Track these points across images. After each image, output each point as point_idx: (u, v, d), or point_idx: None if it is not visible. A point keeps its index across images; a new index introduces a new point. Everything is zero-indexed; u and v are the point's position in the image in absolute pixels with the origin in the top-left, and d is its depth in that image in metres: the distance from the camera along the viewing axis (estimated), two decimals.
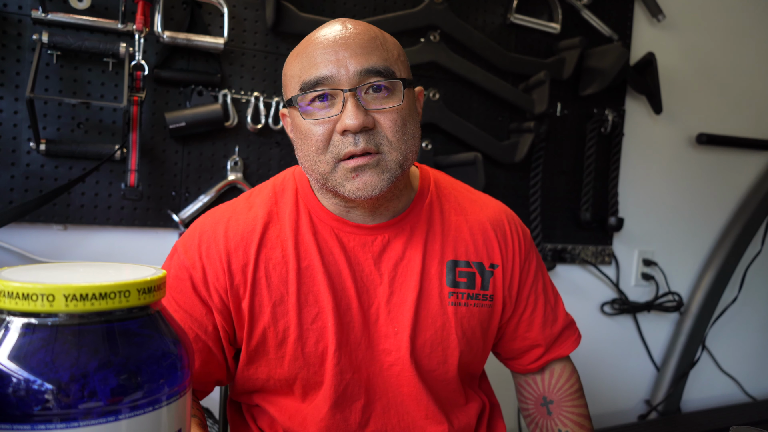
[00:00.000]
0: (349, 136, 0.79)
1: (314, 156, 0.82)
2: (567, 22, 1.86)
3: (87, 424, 0.42)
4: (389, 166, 0.81)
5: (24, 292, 0.42)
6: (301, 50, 0.84)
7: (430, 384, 0.92)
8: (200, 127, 1.41)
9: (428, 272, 0.91)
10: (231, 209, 0.92)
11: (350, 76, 0.79)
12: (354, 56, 0.79)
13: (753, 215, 2.19)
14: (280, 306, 0.86)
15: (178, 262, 0.88)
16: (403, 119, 0.82)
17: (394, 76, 0.81)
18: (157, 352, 0.47)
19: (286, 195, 0.92)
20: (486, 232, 0.96)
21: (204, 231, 0.89)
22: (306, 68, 0.81)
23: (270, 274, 0.86)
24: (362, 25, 0.84)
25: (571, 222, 1.95)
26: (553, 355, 1.02)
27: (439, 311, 0.91)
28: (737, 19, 2.20)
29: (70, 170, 1.35)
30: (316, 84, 0.79)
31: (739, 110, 2.24)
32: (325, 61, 0.79)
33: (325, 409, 0.88)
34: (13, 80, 1.31)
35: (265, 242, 0.87)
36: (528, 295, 1.00)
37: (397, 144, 0.81)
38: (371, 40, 0.82)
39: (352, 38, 0.81)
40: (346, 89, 0.78)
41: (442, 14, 1.65)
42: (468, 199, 0.99)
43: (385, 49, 0.82)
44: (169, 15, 1.41)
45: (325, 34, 0.82)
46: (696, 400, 2.25)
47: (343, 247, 0.89)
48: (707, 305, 2.15)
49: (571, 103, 1.91)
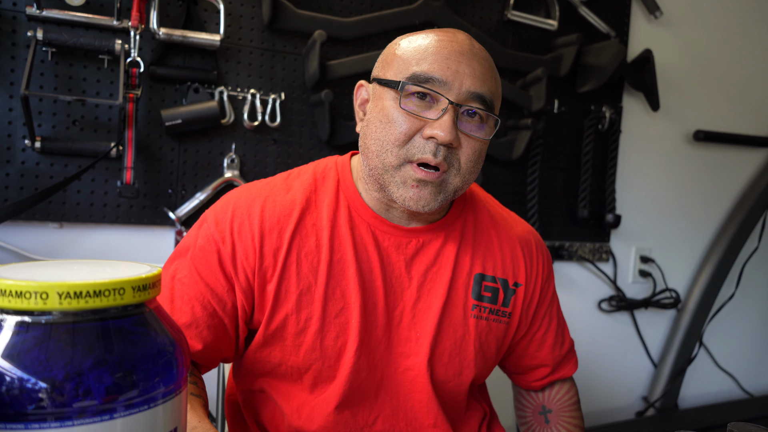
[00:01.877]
0: (432, 143, 0.79)
1: (389, 145, 0.81)
2: (564, 18, 1.86)
3: (82, 423, 0.42)
4: (447, 189, 0.83)
5: (17, 289, 0.42)
6: (423, 41, 0.83)
7: (441, 393, 0.92)
8: (196, 124, 1.41)
9: (456, 282, 0.91)
10: (269, 188, 0.90)
11: (461, 91, 0.79)
12: (473, 75, 0.80)
13: (750, 212, 2.19)
14: (307, 295, 0.85)
15: (207, 233, 0.86)
16: (481, 152, 0.84)
17: (493, 110, 0.83)
18: (153, 351, 0.46)
19: (327, 183, 0.91)
20: (514, 250, 0.97)
21: (239, 206, 0.87)
22: (422, 61, 0.80)
23: (301, 262, 0.85)
24: (484, 48, 0.86)
25: (569, 219, 1.95)
26: (557, 375, 1.04)
27: (461, 322, 0.91)
28: (734, 15, 2.20)
29: (65, 168, 1.35)
30: (428, 81, 0.79)
31: (736, 107, 2.24)
32: (446, 65, 0.80)
33: (334, 404, 0.88)
34: (8, 77, 1.30)
35: (301, 228, 0.86)
36: (543, 317, 1.01)
37: (465, 172, 0.82)
38: (490, 68, 0.84)
39: (478, 57, 0.82)
40: (453, 101, 0.79)
41: (438, 11, 1.64)
42: (500, 215, 1.00)
43: (495, 81, 0.84)
44: (164, 11, 1.41)
45: (451, 39, 0.82)
46: (693, 397, 2.25)
47: (377, 246, 0.88)
48: (704, 302, 2.15)
49: (569, 100, 1.91)
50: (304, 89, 1.56)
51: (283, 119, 1.54)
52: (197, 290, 0.84)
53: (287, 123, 1.54)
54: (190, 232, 0.89)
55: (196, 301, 0.83)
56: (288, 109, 1.54)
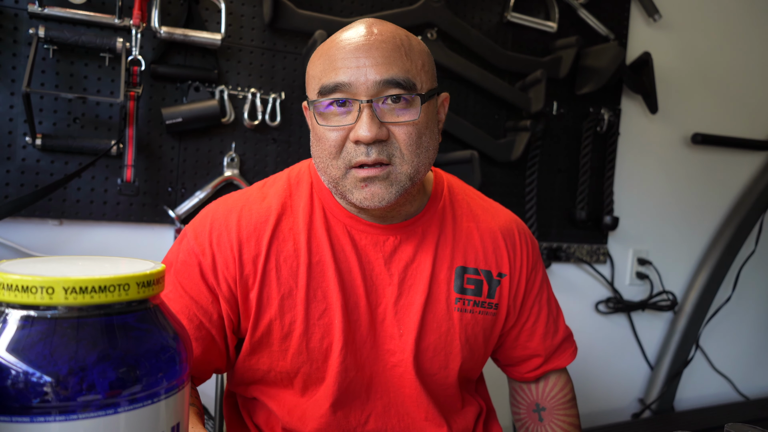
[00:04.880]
0: (362, 146, 0.79)
1: (327, 160, 0.82)
2: (564, 20, 1.86)
3: (86, 417, 0.42)
4: (399, 179, 0.81)
5: (23, 284, 0.42)
6: (324, 51, 0.82)
7: (430, 387, 0.93)
8: (197, 123, 1.41)
9: (437, 277, 0.91)
10: (244, 198, 0.91)
11: (369, 85, 0.78)
12: (375, 65, 0.78)
13: (747, 215, 2.20)
14: (288, 299, 0.86)
15: (187, 248, 0.87)
16: (419, 132, 0.81)
17: (414, 89, 0.80)
18: (156, 346, 0.47)
19: (301, 188, 0.92)
20: (496, 241, 0.97)
21: (216, 218, 0.88)
22: (326, 71, 0.80)
23: (281, 267, 0.86)
24: (389, 29, 0.82)
25: (567, 221, 1.95)
26: (551, 366, 1.03)
27: (445, 316, 0.91)
28: (733, 19, 2.21)
29: (66, 165, 1.35)
30: (334, 89, 0.79)
31: (734, 110, 2.25)
32: (345, 66, 0.78)
33: (326, 406, 0.88)
34: (9, 74, 1.30)
35: (278, 234, 0.87)
36: (532, 306, 1.01)
37: (409, 157, 0.81)
38: (395, 48, 0.80)
39: (376, 45, 0.79)
40: (363, 100, 0.78)
41: (439, 12, 1.65)
42: (480, 206, 1.00)
43: (409, 59, 0.80)
44: (166, 10, 1.41)
45: (348, 37, 0.81)
46: (689, 399, 2.26)
47: (354, 245, 0.89)
48: (701, 304, 2.16)
49: (567, 102, 1.91)
50: (305, 89, 1.56)
51: (283, 118, 1.54)
52: (182, 304, 0.85)
53: (287, 122, 1.55)
54: (172, 249, 0.91)
55: (182, 315, 0.84)
56: (288, 109, 1.55)
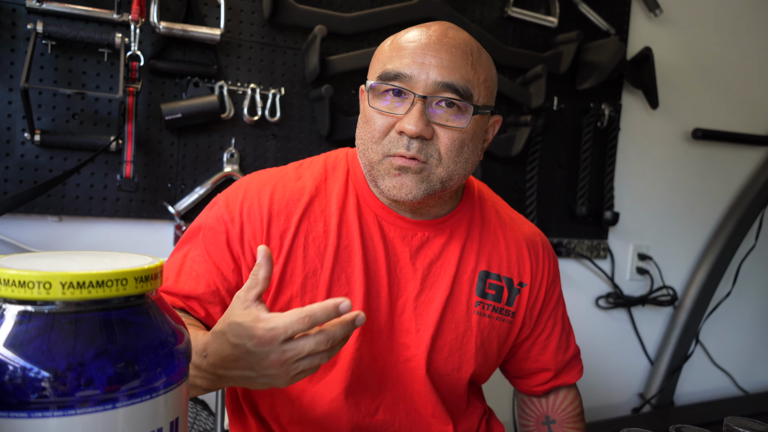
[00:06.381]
0: (405, 138, 0.80)
1: (368, 143, 0.84)
2: (564, 15, 1.86)
3: (84, 412, 0.42)
4: (431, 179, 0.83)
5: (20, 279, 0.42)
6: (397, 39, 0.85)
7: (439, 387, 0.93)
8: (196, 118, 1.41)
9: (460, 278, 0.92)
10: (279, 175, 0.93)
11: (428, 83, 0.80)
12: (439, 66, 0.80)
13: (747, 210, 2.20)
14: (312, 278, 0.87)
15: (217, 214, 0.89)
16: (463, 141, 0.83)
17: (470, 98, 0.81)
18: (154, 341, 0.47)
19: (337, 173, 0.93)
20: (521, 250, 0.98)
21: (249, 189, 0.90)
22: (392, 59, 0.82)
23: (308, 246, 0.87)
24: (462, 36, 0.84)
25: (567, 216, 1.95)
26: (559, 381, 1.04)
27: (463, 318, 0.92)
28: (734, 14, 2.20)
29: (65, 161, 1.35)
30: (395, 77, 0.81)
31: (734, 106, 2.24)
32: (411, 59, 0.80)
33: (338, 391, 0.89)
34: (7, 70, 1.30)
35: (309, 214, 0.89)
36: (547, 319, 1.01)
37: (446, 162, 0.82)
38: (463, 56, 0.82)
39: (446, 47, 0.81)
40: (419, 94, 0.79)
41: (439, 7, 1.64)
42: (507, 215, 1.01)
43: (473, 69, 0.82)
44: (165, 5, 1.40)
45: (422, 33, 0.83)
46: (689, 394, 2.26)
47: (383, 236, 0.90)
48: (701, 299, 2.16)
49: (568, 97, 1.91)
50: (304, 84, 1.56)
51: (282, 114, 1.54)
52: (204, 268, 0.87)
53: (287, 118, 1.54)
54: (202, 214, 0.92)
55: (201, 279, 0.86)
56: (288, 104, 1.54)
